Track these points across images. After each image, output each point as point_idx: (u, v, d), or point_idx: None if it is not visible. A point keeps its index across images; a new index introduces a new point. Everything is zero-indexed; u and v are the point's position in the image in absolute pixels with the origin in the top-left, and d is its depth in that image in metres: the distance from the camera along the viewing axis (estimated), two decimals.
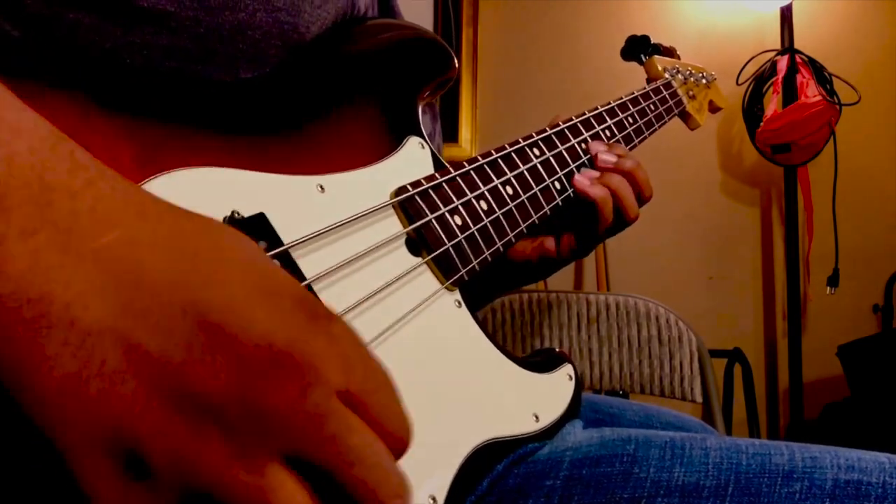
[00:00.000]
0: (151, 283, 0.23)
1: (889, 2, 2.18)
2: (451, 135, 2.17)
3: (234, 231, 0.27)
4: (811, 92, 1.96)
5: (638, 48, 0.91)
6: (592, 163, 0.67)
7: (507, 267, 0.70)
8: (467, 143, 2.20)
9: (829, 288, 2.07)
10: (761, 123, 2.00)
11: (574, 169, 0.66)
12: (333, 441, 0.24)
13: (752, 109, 2.07)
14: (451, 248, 0.50)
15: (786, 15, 2.06)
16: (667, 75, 0.89)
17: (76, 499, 0.22)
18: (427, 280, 0.49)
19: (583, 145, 0.67)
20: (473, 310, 0.52)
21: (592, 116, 0.70)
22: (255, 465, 0.23)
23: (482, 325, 0.52)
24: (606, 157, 0.67)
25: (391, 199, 0.48)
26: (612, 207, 0.65)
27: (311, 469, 0.24)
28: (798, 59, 2.01)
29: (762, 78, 2.07)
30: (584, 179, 0.65)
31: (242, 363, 0.23)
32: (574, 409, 0.55)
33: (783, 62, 2.01)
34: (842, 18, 2.19)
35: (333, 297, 0.41)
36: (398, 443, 0.27)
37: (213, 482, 0.22)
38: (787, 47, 2.04)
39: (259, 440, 0.23)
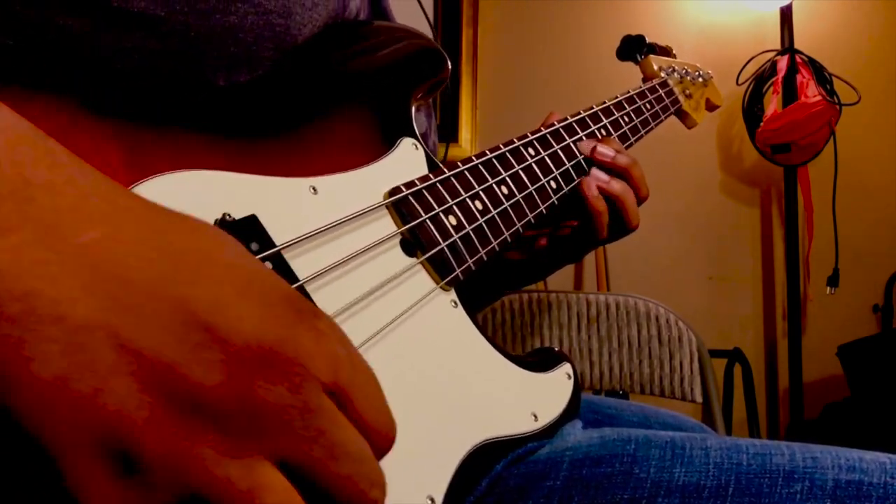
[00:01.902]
0: (140, 280, 0.23)
1: (889, 2, 2.18)
2: (451, 135, 2.17)
3: (219, 231, 0.27)
4: (811, 92, 1.96)
5: (633, 48, 0.91)
6: (589, 162, 0.67)
7: (501, 267, 0.70)
8: (467, 143, 2.20)
9: (829, 288, 2.07)
10: (761, 123, 2.00)
11: (571, 168, 0.65)
12: (322, 436, 0.24)
13: (752, 109, 2.07)
14: (445, 248, 0.50)
15: (786, 15, 2.06)
16: (663, 74, 0.89)
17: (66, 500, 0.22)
18: (422, 280, 0.49)
19: (578, 144, 0.67)
20: (472, 312, 0.52)
21: (588, 115, 0.70)
22: (246, 464, 0.23)
23: (480, 324, 0.52)
24: (604, 149, 0.66)
25: (384, 199, 0.48)
26: (606, 221, 0.65)
27: (298, 467, 0.24)
28: (798, 59, 2.01)
29: (762, 78, 2.07)
30: (594, 188, 0.65)
31: (233, 361, 0.23)
32: (573, 409, 0.55)
33: (783, 62, 2.01)
34: (842, 18, 2.19)
35: (327, 298, 0.41)
36: (383, 440, 0.27)
37: (206, 481, 0.22)
38: (787, 47, 2.04)
39: (251, 438, 0.23)
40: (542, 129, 0.65)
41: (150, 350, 0.22)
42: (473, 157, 0.56)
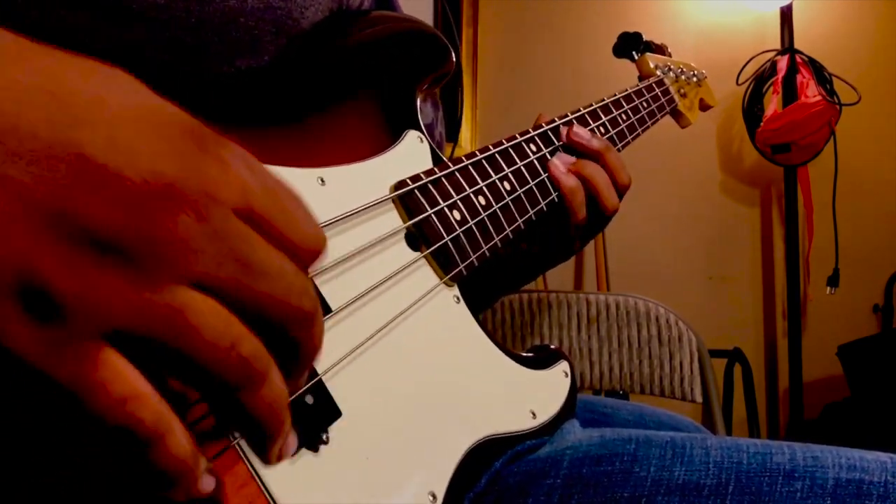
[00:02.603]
0: (28, 127, 0.23)
1: (889, 2, 2.18)
2: (450, 135, 2.17)
3: (113, 70, 0.26)
4: (811, 92, 1.96)
5: (630, 45, 0.91)
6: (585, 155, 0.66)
7: (496, 263, 0.69)
8: (467, 142, 2.20)
9: (829, 288, 2.07)
10: (761, 123, 2.00)
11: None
12: (235, 255, 0.24)
13: (752, 109, 2.07)
14: (449, 243, 0.50)
15: (786, 15, 2.06)
16: (659, 73, 0.89)
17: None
18: (426, 275, 0.49)
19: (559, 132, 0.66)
20: (474, 309, 0.52)
21: (587, 112, 0.70)
22: (163, 289, 0.23)
23: (481, 322, 0.52)
24: (578, 129, 0.65)
25: (391, 193, 0.48)
26: (582, 199, 0.63)
27: (219, 293, 0.24)
28: (798, 59, 2.02)
29: (762, 78, 2.07)
30: (560, 165, 0.63)
31: (132, 197, 0.23)
32: (570, 406, 0.55)
33: (783, 62, 2.01)
34: (842, 18, 2.19)
35: (334, 291, 0.41)
36: (308, 254, 0.27)
37: (126, 311, 0.23)
38: (787, 47, 2.04)
39: (161, 266, 0.23)
40: (544, 125, 0.65)
41: (45, 193, 0.22)
42: (477, 152, 0.56)
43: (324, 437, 0.38)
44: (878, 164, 2.17)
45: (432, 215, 0.50)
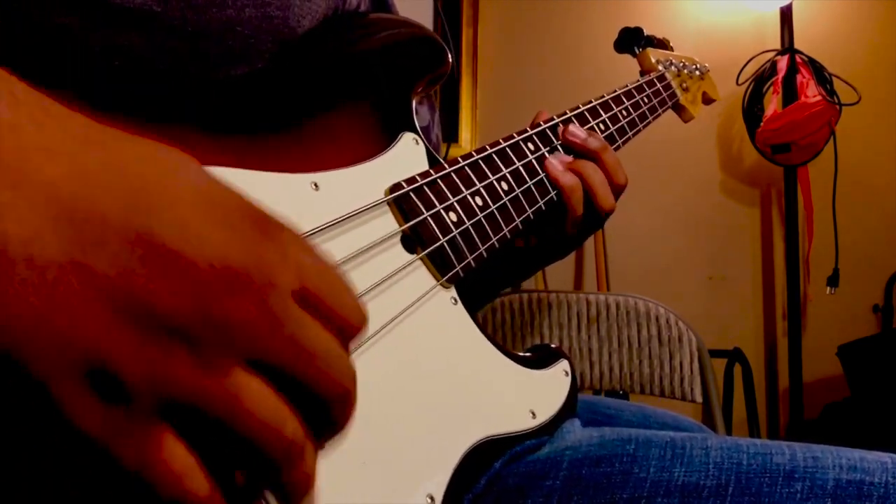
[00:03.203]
0: (102, 213, 0.24)
1: (889, 2, 2.18)
2: (451, 135, 2.17)
3: (177, 152, 0.27)
4: (811, 92, 1.96)
5: (631, 40, 0.91)
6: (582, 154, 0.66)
7: (491, 262, 0.69)
8: (467, 143, 2.20)
9: (829, 288, 2.07)
10: (761, 123, 2.00)
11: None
12: (292, 339, 0.26)
13: (752, 109, 2.07)
14: (445, 245, 0.50)
15: (786, 15, 2.06)
16: (660, 67, 0.88)
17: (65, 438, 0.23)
18: (422, 276, 0.48)
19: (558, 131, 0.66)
20: (472, 310, 0.52)
21: (587, 110, 0.70)
22: (221, 373, 0.24)
23: (479, 322, 0.51)
24: (574, 128, 0.65)
25: (386, 196, 0.48)
26: (580, 197, 0.63)
27: (274, 370, 0.26)
28: (798, 59, 2.01)
29: (762, 78, 2.07)
30: (557, 164, 0.63)
31: (200, 283, 0.24)
32: (570, 406, 0.55)
33: (783, 62, 2.01)
34: (842, 18, 2.19)
35: None
36: (353, 329, 0.29)
37: (186, 393, 0.24)
38: (787, 47, 2.04)
39: (223, 350, 0.24)
40: (542, 123, 0.64)
41: (119, 278, 0.23)
42: (473, 153, 0.56)
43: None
44: (878, 164, 2.17)
45: (428, 217, 0.49)
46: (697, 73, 0.96)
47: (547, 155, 0.63)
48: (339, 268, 0.30)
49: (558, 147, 0.64)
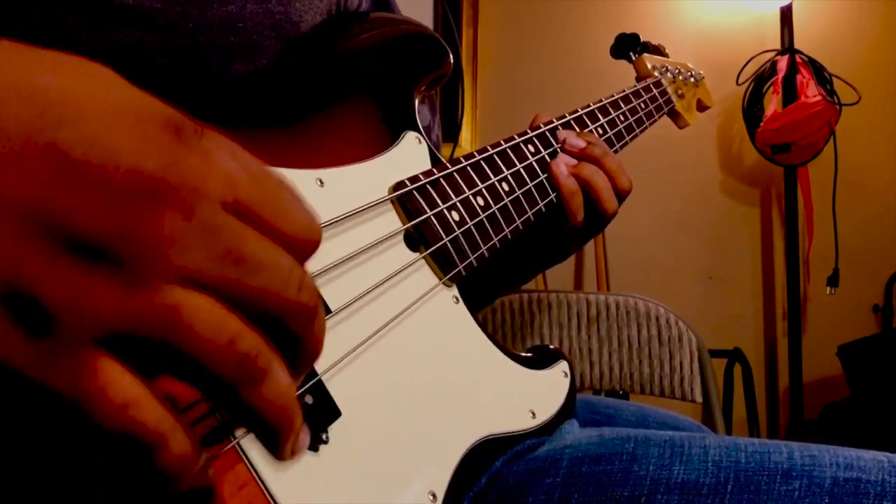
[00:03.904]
0: (4, 129, 0.22)
1: (889, 2, 2.18)
2: (451, 135, 2.18)
3: (85, 63, 0.25)
4: (811, 92, 1.96)
5: (627, 46, 0.91)
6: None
7: (493, 263, 0.69)
8: (467, 143, 2.20)
9: (829, 288, 2.07)
10: (761, 123, 2.00)
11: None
12: (228, 251, 0.24)
13: (752, 109, 2.07)
14: (448, 244, 0.50)
15: (786, 15, 2.06)
16: (656, 73, 0.89)
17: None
18: (425, 275, 0.49)
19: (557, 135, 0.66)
20: (473, 309, 0.52)
21: (585, 113, 0.70)
22: (154, 289, 0.22)
23: (480, 322, 0.52)
24: (575, 140, 0.65)
25: (390, 194, 0.48)
26: (580, 203, 0.63)
27: (214, 286, 0.23)
28: (798, 59, 2.01)
29: (762, 78, 2.07)
30: (563, 167, 0.63)
31: (115, 195, 0.22)
32: (569, 407, 0.55)
33: (783, 62, 2.01)
34: (842, 18, 2.19)
35: (333, 292, 0.42)
36: (303, 244, 0.26)
37: (118, 314, 0.22)
38: (787, 47, 2.04)
39: (150, 266, 0.22)
40: (542, 126, 0.65)
41: (27, 197, 0.22)
42: (475, 153, 0.56)
43: (324, 436, 0.38)
44: (878, 164, 2.17)
45: (431, 216, 0.50)
46: (692, 79, 0.96)
47: (548, 158, 0.63)
48: (279, 175, 0.27)
49: (558, 150, 0.65)
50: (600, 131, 0.71)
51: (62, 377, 0.22)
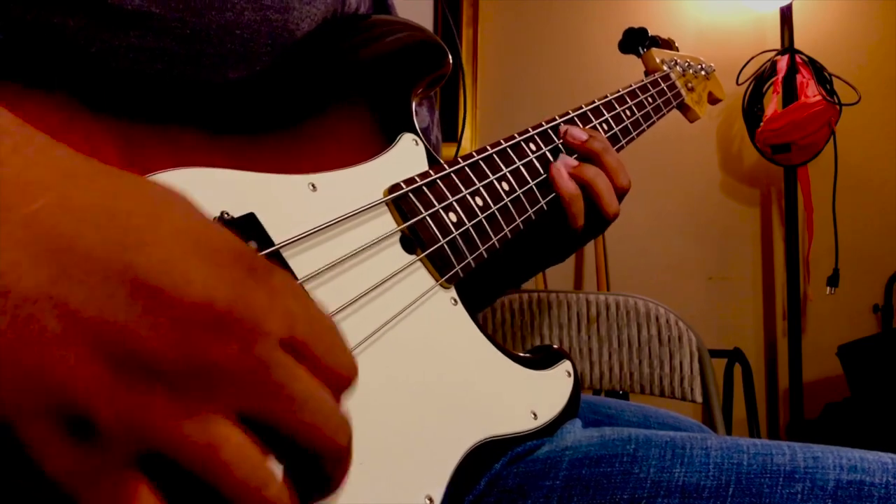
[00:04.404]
0: (85, 248, 0.23)
1: (889, 2, 2.17)
2: (451, 135, 2.17)
3: (168, 191, 0.26)
4: (811, 92, 1.95)
5: (636, 41, 0.90)
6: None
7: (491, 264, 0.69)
8: (467, 142, 2.20)
9: (829, 288, 2.07)
10: (761, 123, 2.00)
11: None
12: (279, 390, 0.25)
13: (752, 109, 2.07)
14: (445, 245, 0.50)
15: (786, 15, 2.06)
16: (665, 67, 0.88)
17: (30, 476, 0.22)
18: (422, 277, 0.48)
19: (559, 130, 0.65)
20: (472, 310, 0.51)
21: (590, 109, 0.69)
22: (201, 422, 0.23)
23: (480, 323, 0.51)
24: (576, 132, 0.64)
25: (384, 196, 0.48)
26: (580, 207, 0.62)
27: (259, 422, 0.25)
28: (798, 59, 2.01)
29: (762, 78, 2.07)
30: (563, 171, 0.62)
31: (183, 323, 0.23)
32: (573, 407, 0.55)
33: (783, 62, 2.01)
34: (842, 18, 2.19)
35: (327, 295, 0.41)
36: (346, 381, 0.28)
37: (162, 439, 0.23)
38: (787, 47, 2.04)
39: (204, 397, 0.23)
40: (543, 123, 0.64)
41: (97, 316, 0.22)
42: (474, 153, 0.56)
43: None
44: (878, 164, 2.17)
45: (427, 217, 0.49)
46: (703, 72, 0.95)
47: (549, 155, 0.63)
48: (331, 317, 0.29)
49: (560, 146, 0.64)
50: (605, 127, 0.70)
51: (102, 497, 0.22)
